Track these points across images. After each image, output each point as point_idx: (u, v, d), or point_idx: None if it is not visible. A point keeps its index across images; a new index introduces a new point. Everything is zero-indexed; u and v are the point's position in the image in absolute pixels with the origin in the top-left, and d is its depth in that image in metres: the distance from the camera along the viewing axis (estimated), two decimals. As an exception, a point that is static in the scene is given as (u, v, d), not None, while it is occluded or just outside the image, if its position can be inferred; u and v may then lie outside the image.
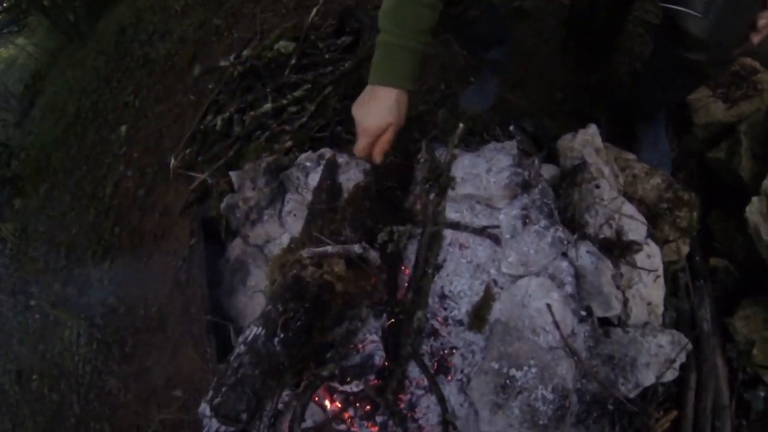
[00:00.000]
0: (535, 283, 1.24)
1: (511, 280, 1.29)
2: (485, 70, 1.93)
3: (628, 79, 1.93)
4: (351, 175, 1.48)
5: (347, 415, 1.21)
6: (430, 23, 1.19)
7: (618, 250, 1.30)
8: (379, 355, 1.22)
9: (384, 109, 1.20)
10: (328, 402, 1.24)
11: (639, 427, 1.24)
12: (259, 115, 2.16)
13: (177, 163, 2.32)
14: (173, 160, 2.33)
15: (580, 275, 1.27)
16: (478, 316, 1.25)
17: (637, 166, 1.50)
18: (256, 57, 2.34)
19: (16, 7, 5.30)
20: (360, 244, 1.10)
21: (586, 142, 1.46)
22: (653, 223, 1.40)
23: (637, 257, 1.30)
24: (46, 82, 4.54)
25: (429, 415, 1.20)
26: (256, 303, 1.45)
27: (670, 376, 1.23)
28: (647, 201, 1.44)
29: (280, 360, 0.86)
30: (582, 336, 1.23)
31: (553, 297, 1.22)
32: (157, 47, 3.26)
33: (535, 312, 1.21)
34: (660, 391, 1.32)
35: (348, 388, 1.21)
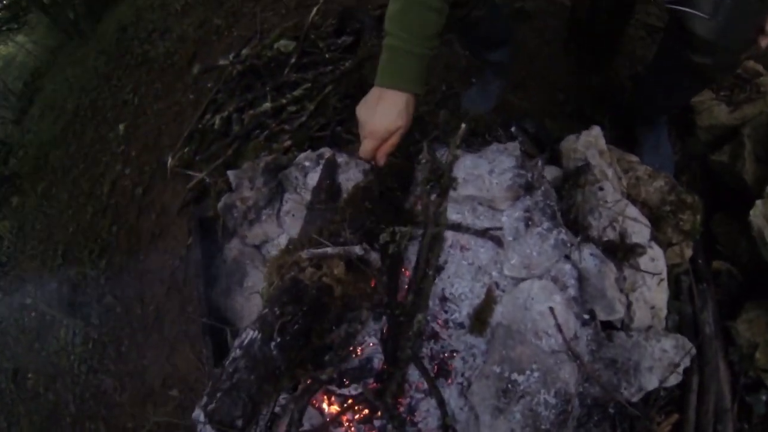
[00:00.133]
0: (538, 285, 1.23)
1: (513, 283, 1.27)
2: (487, 71, 1.92)
3: (630, 82, 1.92)
4: (350, 175, 1.47)
5: (345, 418, 1.20)
6: (437, 28, 1.16)
7: (621, 252, 1.29)
8: (378, 358, 1.21)
9: (393, 112, 1.17)
10: (326, 405, 1.23)
11: (640, 430, 1.23)
12: (258, 114, 2.16)
13: (175, 162, 2.32)
14: (171, 159, 2.33)
15: (583, 278, 1.26)
16: (480, 319, 1.23)
17: (640, 169, 1.49)
18: (255, 56, 2.33)
19: (16, 4, 5.31)
20: (361, 245, 1.08)
21: (590, 144, 1.45)
22: (656, 225, 1.39)
23: (641, 260, 1.29)
24: (46, 80, 4.55)
25: (429, 419, 1.19)
26: (253, 304, 1.43)
27: (674, 381, 1.22)
28: (650, 204, 1.44)
29: (277, 364, 0.84)
30: (585, 340, 1.22)
31: (556, 300, 1.21)
32: (156, 46, 3.26)
33: (538, 315, 1.19)
34: (662, 394, 1.31)
35: (346, 392, 1.20)
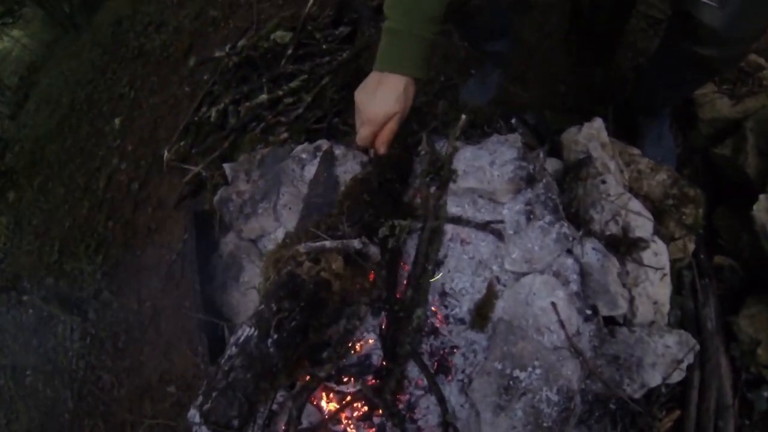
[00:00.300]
0: (540, 280, 1.21)
1: (514, 278, 1.25)
2: (486, 63, 1.90)
3: (632, 74, 1.90)
4: (348, 168, 1.45)
5: (344, 415, 1.18)
6: (438, 11, 1.14)
7: (624, 247, 1.27)
8: (377, 355, 1.19)
9: (391, 97, 1.15)
10: (325, 402, 1.21)
11: (642, 426, 1.22)
12: (255, 106, 2.14)
13: (171, 155, 2.31)
14: (167, 153, 2.32)
15: (585, 273, 1.24)
16: (481, 314, 1.21)
17: (642, 162, 1.48)
18: (252, 47, 2.31)
19: (11, -2, 5.26)
20: (360, 238, 1.06)
21: (592, 136, 1.43)
22: (659, 219, 1.37)
23: (644, 255, 1.27)
24: (41, 74, 4.53)
25: (428, 416, 1.18)
26: (250, 300, 1.42)
27: (677, 377, 1.20)
28: (652, 197, 1.42)
29: (274, 362, 0.82)
30: (587, 335, 1.20)
31: (558, 295, 1.19)
32: (152, 38, 3.24)
33: (540, 310, 1.17)
34: (663, 390, 1.30)
35: (345, 388, 1.19)
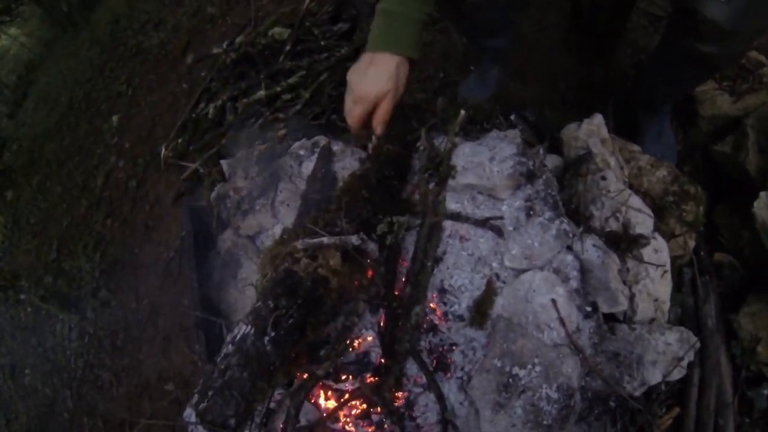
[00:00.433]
0: (540, 277, 1.20)
1: (514, 274, 1.24)
2: (485, 59, 1.89)
3: (632, 71, 1.89)
4: (346, 164, 1.44)
5: (342, 413, 1.18)
6: None
7: (625, 243, 1.27)
8: (375, 352, 1.19)
9: (383, 75, 1.14)
10: (323, 400, 1.21)
11: (641, 424, 1.22)
12: (253, 103, 2.13)
13: (168, 152, 2.31)
14: (164, 150, 2.31)
15: (585, 269, 1.23)
16: (480, 311, 1.21)
17: (642, 158, 1.47)
18: (249, 44, 2.31)
19: (9, -4, 5.25)
20: (358, 235, 1.05)
21: (592, 132, 1.42)
22: (659, 216, 1.37)
23: (644, 252, 1.26)
24: (39, 73, 4.52)
25: (427, 414, 1.17)
26: (248, 297, 1.41)
27: (678, 375, 1.20)
28: (653, 194, 1.42)
29: (271, 360, 0.81)
30: (587, 332, 1.19)
31: (558, 292, 1.18)
32: (150, 36, 3.23)
33: (539, 307, 1.17)
34: (663, 388, 1.30)
35: (343, 386, 1.18)
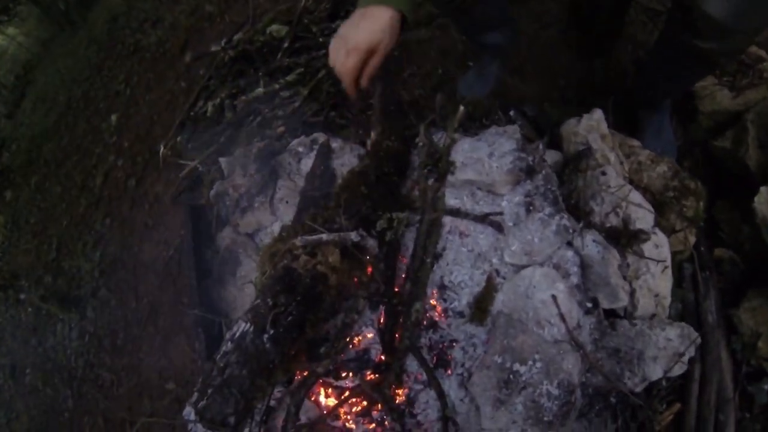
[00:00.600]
0: (540, 273, 1.20)
1: (514, 270, 1.24)
2: (484, 55, 1.88)
3: (632, 67, 1.88)
4: (345, 161, 1.44)
5: (343, 411, 1.17)
6: None
7: (625, 239, 1.26)
8: (375, 349, 1.19)
9: (377, 26, 1.13)
10: (323, 397, 1.20)
11: (642, 420, 1.22)
12: (251, 100, 2.11)
13: (167, 150, 2.30)
14: (163, 148, 2.30)
15: (586, 265, 1.23)
16: (480, 307, 1.21)
17: (642, 154, 1.47)
18: (248, 41, 2.30)
19: (7, -5, 5.23)
20: (357, 231, 1.04)
21: (591, 128, 1.42)
22: (659, 212, 1.37)
23: (645, 247, 1.26)
24: (37, 73, 4.50)
25: (428, 410, 1.17)
26: (247, 294, 1.41)
27: (679, 371, 1.20)
28: (653, 189, 1.41)
29: (270, 358, 0.80)
30: (587, 328, 1.19)
31: (559, 288, 1.18)
32: (148, 35, 3.22)
33: (540, 303, 1.16)
34: (664, 384, 1.29)
35: (343, 384, 1.18)
